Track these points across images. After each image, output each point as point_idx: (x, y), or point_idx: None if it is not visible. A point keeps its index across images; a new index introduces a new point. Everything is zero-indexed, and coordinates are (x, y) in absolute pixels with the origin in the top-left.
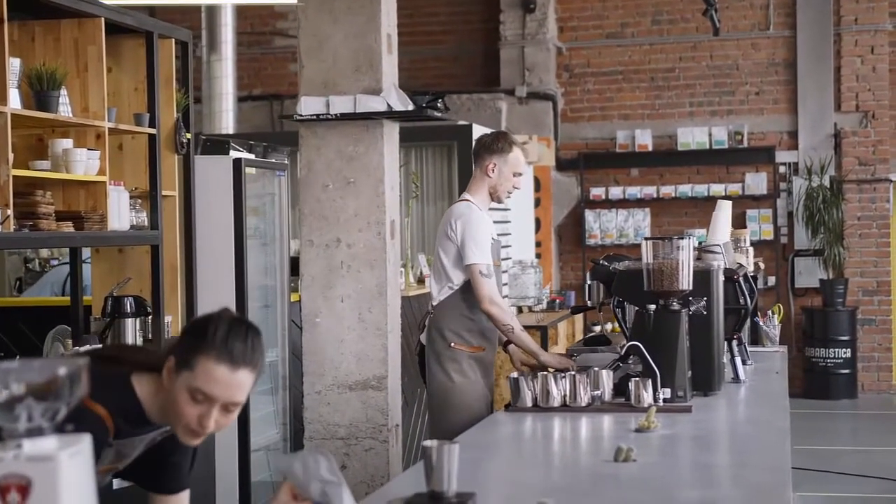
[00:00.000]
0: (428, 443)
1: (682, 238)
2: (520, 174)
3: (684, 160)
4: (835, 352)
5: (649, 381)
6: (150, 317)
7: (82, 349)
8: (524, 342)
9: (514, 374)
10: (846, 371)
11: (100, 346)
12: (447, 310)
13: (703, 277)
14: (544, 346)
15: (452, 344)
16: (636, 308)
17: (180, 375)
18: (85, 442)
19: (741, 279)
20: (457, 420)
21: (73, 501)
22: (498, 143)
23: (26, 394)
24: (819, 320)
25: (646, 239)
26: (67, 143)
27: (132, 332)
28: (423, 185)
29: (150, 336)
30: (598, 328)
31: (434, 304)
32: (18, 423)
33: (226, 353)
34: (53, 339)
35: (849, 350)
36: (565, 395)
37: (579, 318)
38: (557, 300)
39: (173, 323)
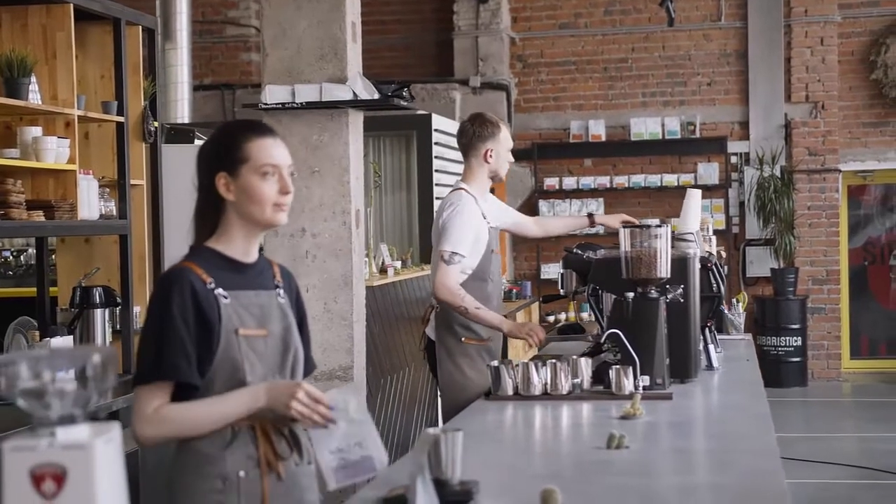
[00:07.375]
0: (432, 430)
1: (660, 226)
2: (511, 147)
3: (637, 150)
4: (786, 340)
5: (630, 369)
6: (118, 307)
7: None
8: (485, 320)
9: (495, 363)
10: (797, 359)
11: None
12: None
13: (680, 265)
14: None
15: (463, 339)
16: (614, 296)
17: (240, 174)
18: (115, 430)
19: (714, 266)
20: None
21: (107, 488)
22: (487, 128)
23: (59, 382)
24: (770, 309)
25: (624, 226)
26: (37, 130)
27: (101, 322)
28: (383, 174)
29: (118, 327)
30: (563, 316)
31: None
32: (51, 411)
33: (258, 130)
34: (15, 330)
35: (799, 338)
36: (546, 384)
37: (535, 307)
38: (514, 290)
39: (142, 314)
